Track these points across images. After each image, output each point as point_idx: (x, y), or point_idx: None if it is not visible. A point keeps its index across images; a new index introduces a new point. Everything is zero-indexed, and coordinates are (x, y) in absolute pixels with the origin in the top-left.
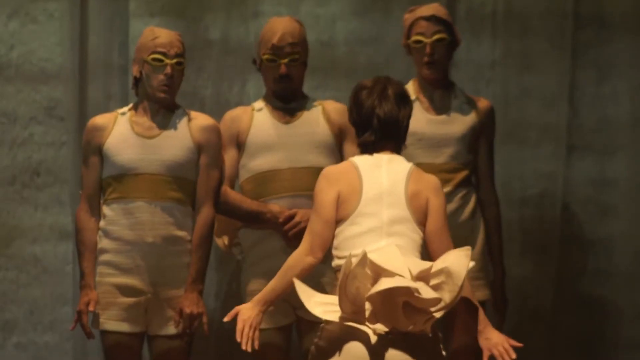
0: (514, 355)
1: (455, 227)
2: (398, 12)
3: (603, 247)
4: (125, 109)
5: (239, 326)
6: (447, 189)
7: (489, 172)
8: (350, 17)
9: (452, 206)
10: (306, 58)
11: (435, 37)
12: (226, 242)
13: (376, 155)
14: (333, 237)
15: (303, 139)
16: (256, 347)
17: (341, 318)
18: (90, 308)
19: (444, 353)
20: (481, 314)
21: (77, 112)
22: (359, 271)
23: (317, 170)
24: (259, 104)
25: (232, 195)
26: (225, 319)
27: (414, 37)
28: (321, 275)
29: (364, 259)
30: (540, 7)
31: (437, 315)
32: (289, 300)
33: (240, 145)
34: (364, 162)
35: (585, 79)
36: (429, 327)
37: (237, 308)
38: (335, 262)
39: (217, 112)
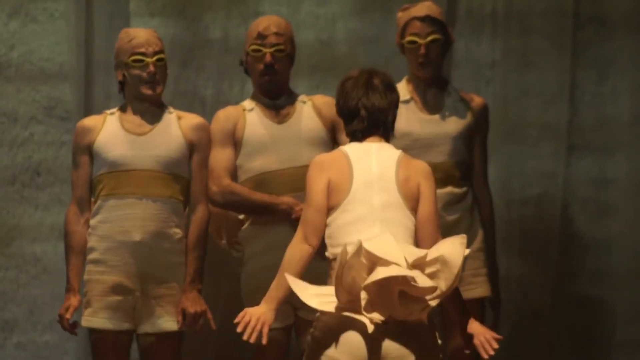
0: (495, 346)
1: (453, 224)
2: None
3: (603, 246)
4: (113, 109)
5: (246, 319)
6: (448, 188)
7: (483, 170)
8: (350, 17)
9: (451, 203)
10: (292, 53)
11: (430, 37)
12: (224, 240)
13: (365, 143)
14: (325, 224)
15: (298, 137)
16: (264, 342)
17: (337, 308)
18: (67, 315)
19: (439, 342)
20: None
21: (78, 111)
22: (355, 261)
23: None
24: (249, 103)
25: (239, 188)
26: (236, 321)
27: (408, 38)
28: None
29: (360, 249)
30: (540, 6)
31: (433, 303)
32: (290, 300)
33: (236, 143)
34: (353, 150)
35: (585, 78)
36: (425, 316)
37: (246, 309)
38: (329, 251)
39: (217, 111)
